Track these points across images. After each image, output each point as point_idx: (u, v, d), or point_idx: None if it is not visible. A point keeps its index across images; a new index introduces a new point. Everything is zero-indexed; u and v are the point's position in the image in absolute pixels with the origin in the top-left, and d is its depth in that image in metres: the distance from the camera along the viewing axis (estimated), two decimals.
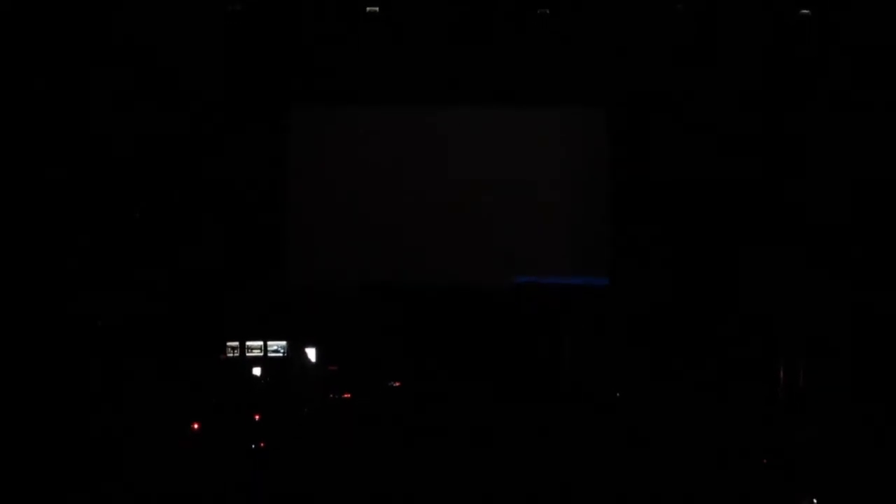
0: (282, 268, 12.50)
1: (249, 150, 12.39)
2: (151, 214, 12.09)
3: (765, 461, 9.99)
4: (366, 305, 12.37)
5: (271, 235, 12.45)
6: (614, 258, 12.44)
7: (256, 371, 12.16)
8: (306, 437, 10.61)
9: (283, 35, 12.14)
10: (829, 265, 11.74)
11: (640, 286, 12.25)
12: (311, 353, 12.26)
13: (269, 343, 12.25)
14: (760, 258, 11.99)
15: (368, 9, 12.10)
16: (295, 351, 12.20)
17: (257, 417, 11.05)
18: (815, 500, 9.48)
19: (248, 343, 12.23)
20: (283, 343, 12.29)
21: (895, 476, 9.51)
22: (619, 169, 12.48)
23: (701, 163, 12.22)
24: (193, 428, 10.65)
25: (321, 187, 12.65)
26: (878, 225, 11.71)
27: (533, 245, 12.61)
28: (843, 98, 11.74)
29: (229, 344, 12.19)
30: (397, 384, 11.97)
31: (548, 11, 12.06)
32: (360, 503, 9.71)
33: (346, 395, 11.80)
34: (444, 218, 12.60)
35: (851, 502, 9.50)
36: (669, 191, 12.30)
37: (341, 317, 12.30)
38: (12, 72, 11.43)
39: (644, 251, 12.28)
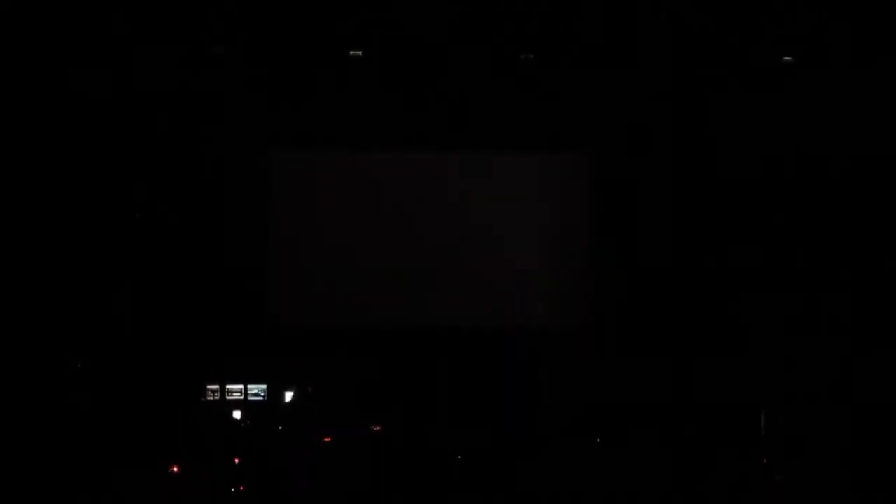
0: (264, 310, 12.46)
1: (232, 194, 12.39)
2: (132, 254, 12.07)
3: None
4: (346, 348, 12.34)
5: (253, 278, 12.41)
6: (594, 305, 12.47)
7: (237, 414, 12.11)
8: (287, 479, 10.55)
9: (266, 77, 12.16)
10: (809, 306, 11.83)
11: (620, 330, 12.26)
12: (290, 396, 12.23)
13: (250, 386, 12.22)
14: (743, 303, 12.04)
15: (352, 53, 12.13)
16: (276, 394, 12.18)
17: (237, 461, 10.98)
18: None
19: (229, 386, 12.19)
20: (264, 386, 12.24)
21: None
22: (601, 214, 12.53)
23: (684, 207, 12.32)
24: (173, 471, 10.58)
25: (303, 232, 12.64)
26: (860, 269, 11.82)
27: (515, 289, 12.62)
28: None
29: (209, 387, 12.14)
30: (377, 428, 11.92)
31: (532, 56, 12.12)
32: None
33: (326, 439, 11.73)
34: (426, 261, 12.61)
35: None
36: (651, 236, 12.36)
37: (322, 360, 12.26)
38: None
39: (625, 295, 12.31)
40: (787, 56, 11.99)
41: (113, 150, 11.99)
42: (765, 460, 10.22)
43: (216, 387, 12.14)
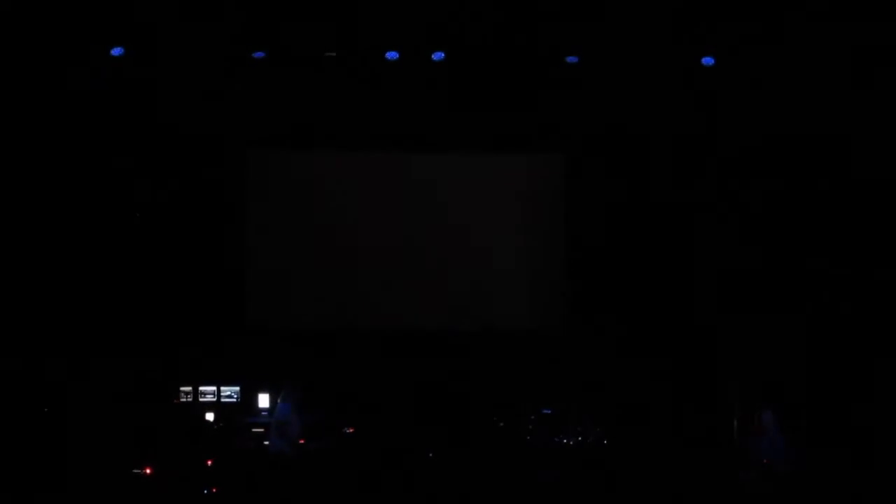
0: (240, 313, 12.43)
1: (206, 196, 12.36)
2: (108, 257, 12.04)
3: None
4: (320, 351, 12.33)
5: (229, 281, 12.38)
6: (570, 305, 12.51)
7: (209, 416, 12.06)
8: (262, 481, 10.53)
9: (241, 79, 12.13)
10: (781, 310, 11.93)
11: (594, 335, 12.30)
12: (265, 399, 12.19)
13: (223, 388, 12.18)
14: (721, 302, 12.10)
15: (326, 54, 12.11)
16: (249, 395, 12.16)
17: (209, 462, 10.94)
18: None
19: (202, 388, 12.15)
20: (237, 388, 12.21)
21: None
22: (575, 215, 12.58)
23: (659, 209, 12.39)
24: (146, 472, 10.54)
25: (279, 233, 12.61)
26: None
27: (489, 291, 12.64)
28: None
29: (182, 389, 12.11)
30: (351, 430, 11.91)
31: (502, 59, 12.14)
32: None
33: (300, 441, 11.71)
34: (404, 263, 12.61)
35: None
36: (626, 238, 12.41)
37: (296, 362, 12.23)
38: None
39: (599, 299, 12.36)
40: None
41: (92, 152, 12.00)
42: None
43: (189, 389, 12.11)
